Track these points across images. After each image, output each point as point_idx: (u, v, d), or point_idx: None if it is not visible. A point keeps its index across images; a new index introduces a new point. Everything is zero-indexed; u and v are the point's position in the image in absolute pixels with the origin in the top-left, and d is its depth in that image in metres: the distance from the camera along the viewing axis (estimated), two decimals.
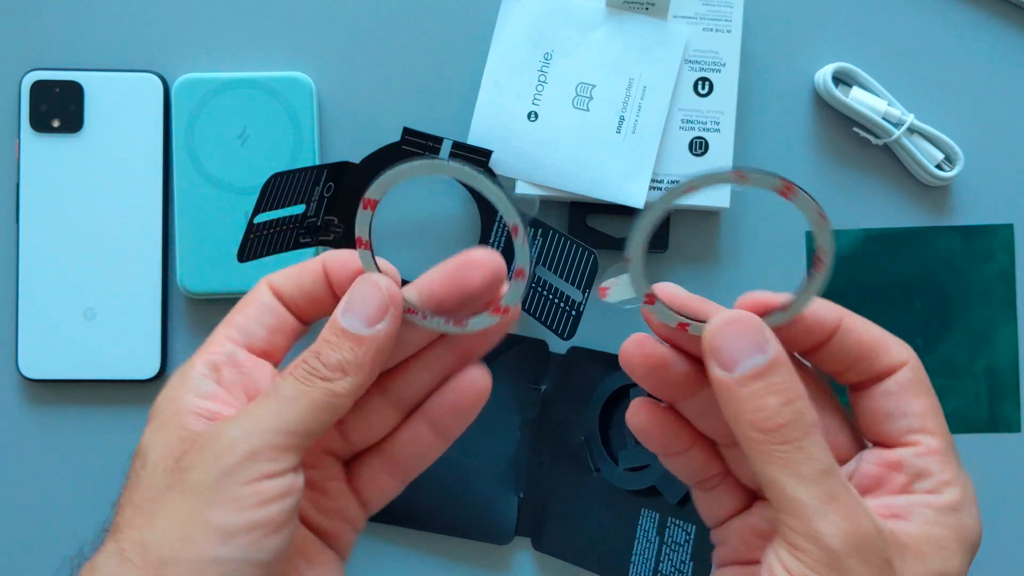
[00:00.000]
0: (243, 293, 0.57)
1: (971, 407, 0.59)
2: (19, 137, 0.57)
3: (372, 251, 0.35)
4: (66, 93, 0.57)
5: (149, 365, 0.57)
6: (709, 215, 0.59)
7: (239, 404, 0.34)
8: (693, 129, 0.57)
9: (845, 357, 0.35)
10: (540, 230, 0.55)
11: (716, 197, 0.57)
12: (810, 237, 0.59)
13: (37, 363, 0.57)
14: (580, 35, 0.57)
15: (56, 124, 0.57)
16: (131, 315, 0.57)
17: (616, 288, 0.35)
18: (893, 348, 0.35)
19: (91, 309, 0.57)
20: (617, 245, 0.58)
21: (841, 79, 0.58)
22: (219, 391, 0.35)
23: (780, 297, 0.35)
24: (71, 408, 0.58)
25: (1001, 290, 0.59)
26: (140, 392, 0.58)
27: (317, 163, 0.57)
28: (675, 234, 0.58)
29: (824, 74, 0.58)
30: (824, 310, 0.35)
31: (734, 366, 0.32)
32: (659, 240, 0.58)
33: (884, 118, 0.57)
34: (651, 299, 0.35)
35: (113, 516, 0.34)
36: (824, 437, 0.32)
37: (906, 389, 0.35)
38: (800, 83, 0.59)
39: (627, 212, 0.57)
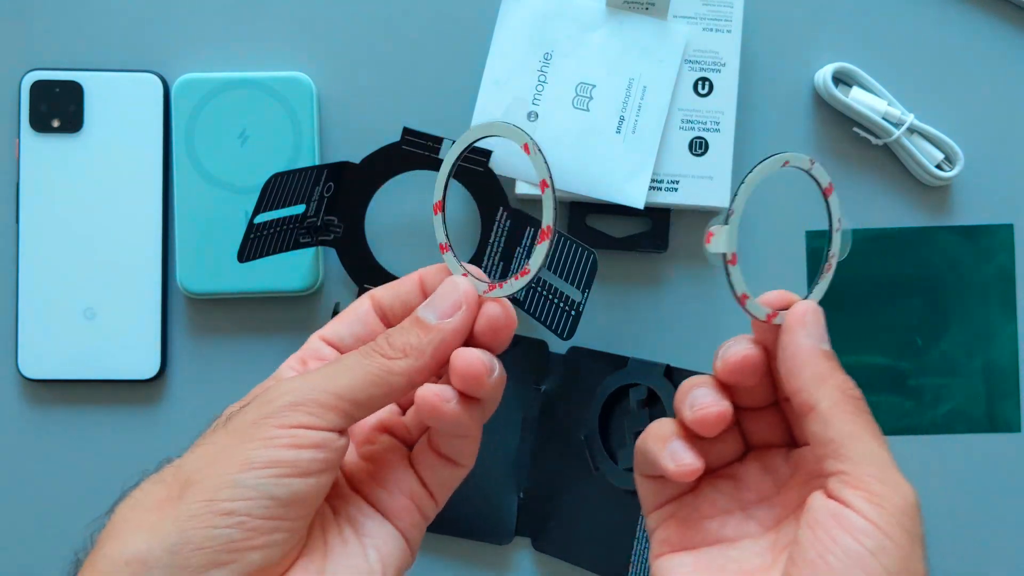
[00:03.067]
0: (243, 293, 0.57)
1: (970, 406, 0.59)
2: (19, 137, 0.57)
3: (454, 252, 0.38)
4: (66, 93, 0.57)
5: (149, 365, 0.57)
6: (709, 215, 0.59)
7: None
8: (693, 129, 0.57)
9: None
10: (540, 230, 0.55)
11: (716, 197, 0.57)
12: (809, 237, 0.59)
13: (37, 363, 0.57)
14: (580, 35, 0.57)
15: (56, 124, 0.57)
16: (131, 315, 0.57)
17: (720, 237, 0.39)
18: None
19: (91, 309, 0.57)
20: (617, 245, 0.58)
21: (841, 79, 0.58)
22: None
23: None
24: (71, 408, 0.58)
25: (1000, 290, 0.59)
26: (140, 392, 0.58)
27: (317, 163, 0.57)
28: (675, 234, 0.58)
29: (824, 74, 0.58)
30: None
31: (821, 340, 0.37)
32: (659, 240, 0.58)
33: (884, 118, 0.57)
34: (744, 298, 0.39)
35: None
36: None
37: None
38: (800, 83, 0.59)
39: (627, 212, 0.57)
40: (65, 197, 0.57)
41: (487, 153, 0.56)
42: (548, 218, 0.37)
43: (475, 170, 0.56)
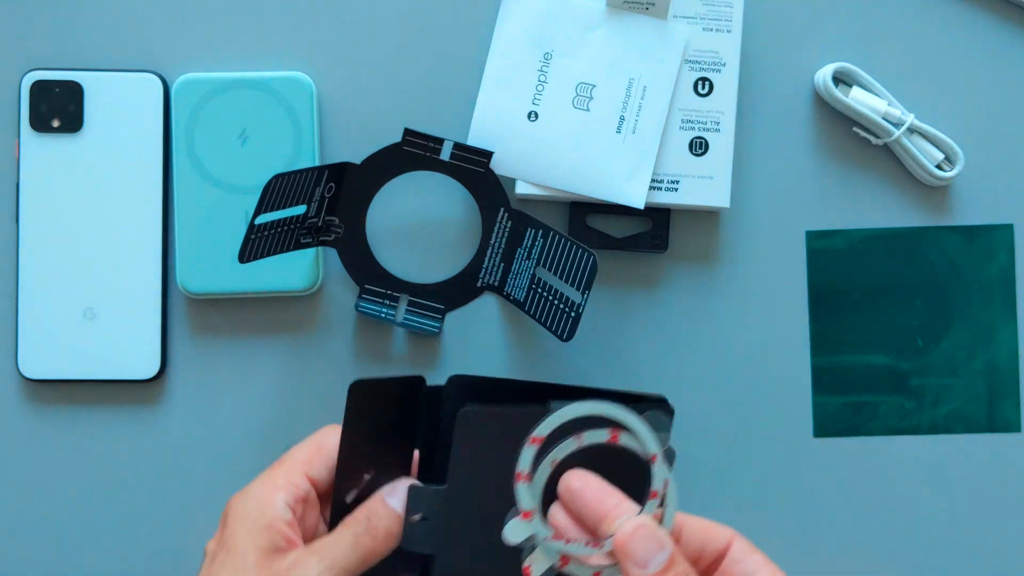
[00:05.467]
0: (242, 293, 0.57)
1: (971, 407, 0.59)
2: (19, 137, 0.57)
3: (532, 484, 0.42)
4: (66, 93, 0.57)
5: (149, 365, 0.57)
6: (709, 215, 0.59)
7: (297, 535, 0.45)
8: (693, 129, 0.57)
9: (693, 549, 0.45)
10: (540, 231, 0.55)
11: (716, 197, 0.57)
12: (809, 237, 0.59)
13: (37, 363, 0.57)
14: (580, 35, 0.57)
15: (56, 124, 0.57)
16: (131, 315, 0.57)
17: (537, 564, 0.42)
18: (715, 527, 0.45)
19: (91, 309, 0.57)
20: (617, 245, 0.58)
21: (841, 79, 0.58)
22: (293, 521, 0.45)
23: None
24: (71, 408, 0.58)
25: (1001, 290, 0.59)
26: (140, 392, 0.58)
27: (317, 163, 0.57)
28: (675, 234, 0.58)
29: (824, 74, 0.58)
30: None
31: (647, 564, 0.40)
32: (659, 240, 0.58)
33: (884, 118, 0.57)
34: (565, 561, 0.41)
35: None
36: None
37: (746, 551, 0.45)
38: (800, 83, 0.59)
39: (627, 212, 0.57)
40: (65, 197, 0.57)
41: (488, 154, 0.56)
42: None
43: (475, 171, 0.56)
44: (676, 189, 0.57)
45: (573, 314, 0.53)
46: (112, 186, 0.57)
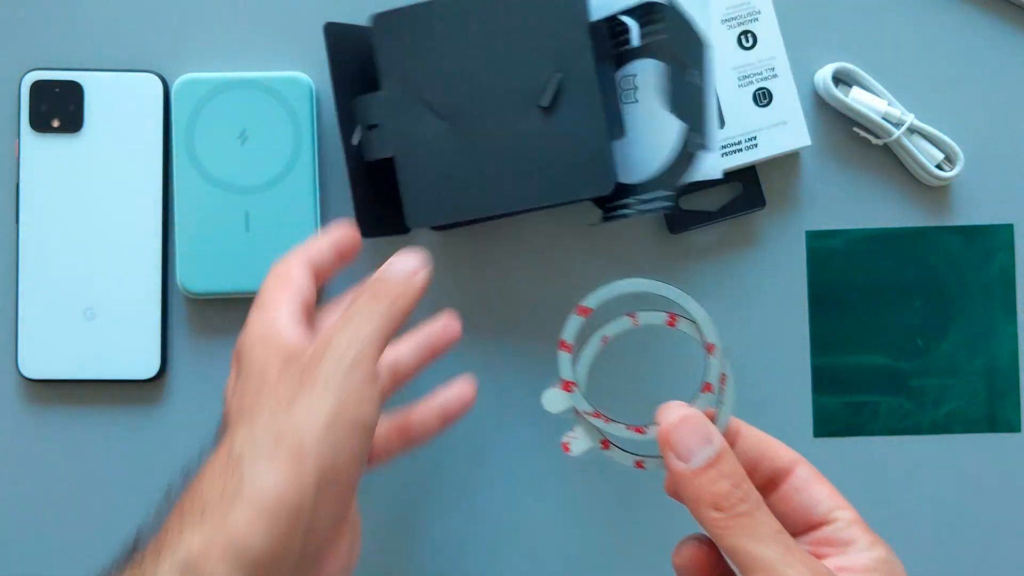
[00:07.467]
0: (242, 293, 0.57)
1: (971, 407, 0.59)
2: (19, 137, 0.57)
3: (571, 355, 0.40)
4: (66, 93, 0.57)
5: (149, 365, 0.57)
6: (788, 157, 0.58)
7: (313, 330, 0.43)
8: (752, 83, 0.57)
9: (747, 459, 0.41)
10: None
11: (795, 139, 0.56)
12: (809, 237, 0.59)
13: (37, 363, 0.57)
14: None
15: (56, 124, 0.57)
16: (131, 315, 0.57)
17: (576, 442, 0.40)
18: (781, 447, 0.42)
19: (91, 309, 0.57)
20: (717, 216, 0.58)
21: (841, 79, 0.58)
22: (304, 324, 0.43)
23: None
24: (71, 408, 0.58)
25: (1001, 290, 0.59)
26: (140, 392, 0.58)
27: (317, 164, 0.57)
28: (769, 188, 0.58)
29: (824, 74, 0.58)
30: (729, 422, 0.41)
31: (689, 458, 0.38)
32: (755, 199, 0.58)
33: (884, 118, 0.57)
34: (606, 444, 0.40)
35: (233, 415, 0.42)
36: (767, 508, 0.38)
37: (811, 480, 0.41)
38: (800, 83, 0.59)
39: (715, 183, 0.56)
40: (65, 197, 0.57)
41: None
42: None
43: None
44: (755, 145, 0.57)
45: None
46: (112, 186, 0.57)
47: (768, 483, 0.41)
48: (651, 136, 0.55)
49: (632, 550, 0.58)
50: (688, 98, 0.50)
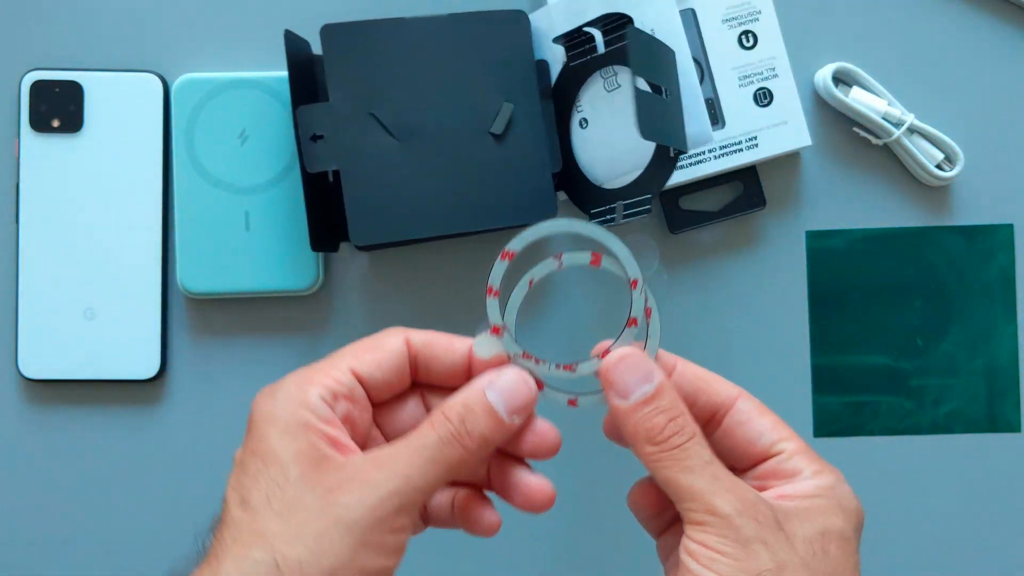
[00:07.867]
0: (243, 293, 0.57)
1: (971, 407, 0.59)
2: (19, 137, 0.57)
3: (499, 300, 0.40)
4: (66, 93, 0.57)
5: (149, 365, 0.57)
6: (789, 157, 0.58)
7: (346, 438, 0.37)
8: (752, 82, 0.57)
9: (684, 395, 0.39)
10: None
11: (795, 139, 0.57)
12: (809, 237, 0.59)
13: (37, 363, 0.57)
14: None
15: (56, 124, 0.57)
16: (131, 315, 0.57)
17: (482, 345, 0.40)
18: (721, 382, 0.41)
19: (91, 309, 0.57)
20: (717, 216, 0.58)
21: (841, 79, 0.58)
22: (334, 419, 0.37)
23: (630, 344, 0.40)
24: (71, 408, 0.58)
25: (1001, 290, 0.59)
26: (140, 392, 0.58)
27: None
28: (768, 188, 0.58)
29: (824, 74, 0.58)
30: (664, 356, 0.41)
31: (628, 395, 0.38)
32: (756, 198, 0.58)
33: (884, 118, 0.57)
34: (540, 385, 0.40)
35: (232, 510, 0.37)
36: (704, 440, 0.38)
37: (752, 413, 0.40)
38: (800, 83, 0.59)
39: (716, 183, 0.57)
40: (65, 197, 0.57)
41: None
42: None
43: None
44: (756, 145, 0.57)
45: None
46: (112, 186, 0.57)
47: (711, 418, 0.40)
48: (630, 142, 0.55)
49: (625, 544, 0.58)
50: (659, 112, 0.50)
